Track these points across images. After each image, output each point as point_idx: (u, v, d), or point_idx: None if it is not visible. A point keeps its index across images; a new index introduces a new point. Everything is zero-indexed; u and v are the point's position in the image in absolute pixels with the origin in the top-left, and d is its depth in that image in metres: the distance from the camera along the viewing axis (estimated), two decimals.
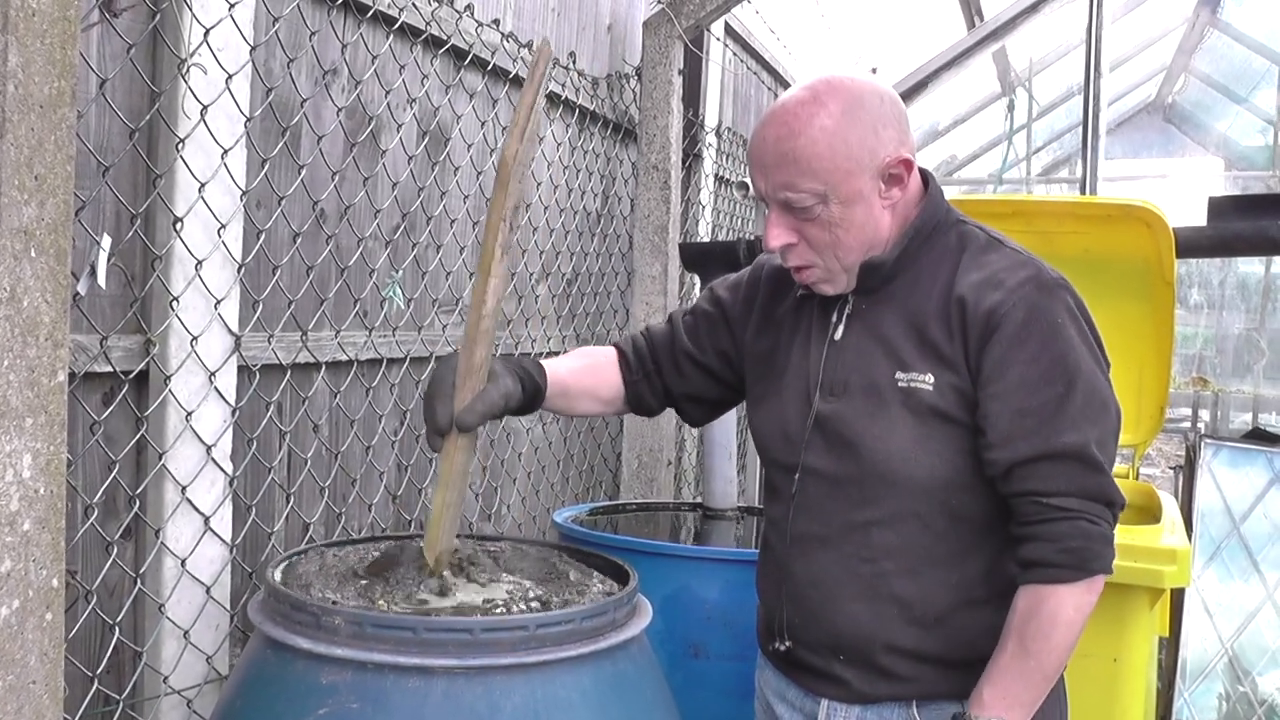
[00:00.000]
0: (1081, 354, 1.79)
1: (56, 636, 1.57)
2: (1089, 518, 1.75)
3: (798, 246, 1.87)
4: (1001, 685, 1.77)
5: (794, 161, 1.80)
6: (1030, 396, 1.77)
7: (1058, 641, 1.76)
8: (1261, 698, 3.52)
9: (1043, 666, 1.77)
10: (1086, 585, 1.76)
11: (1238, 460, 3.90)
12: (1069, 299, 1.82)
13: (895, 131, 1.84)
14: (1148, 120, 15.25)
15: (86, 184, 2.09)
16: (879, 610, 1.86)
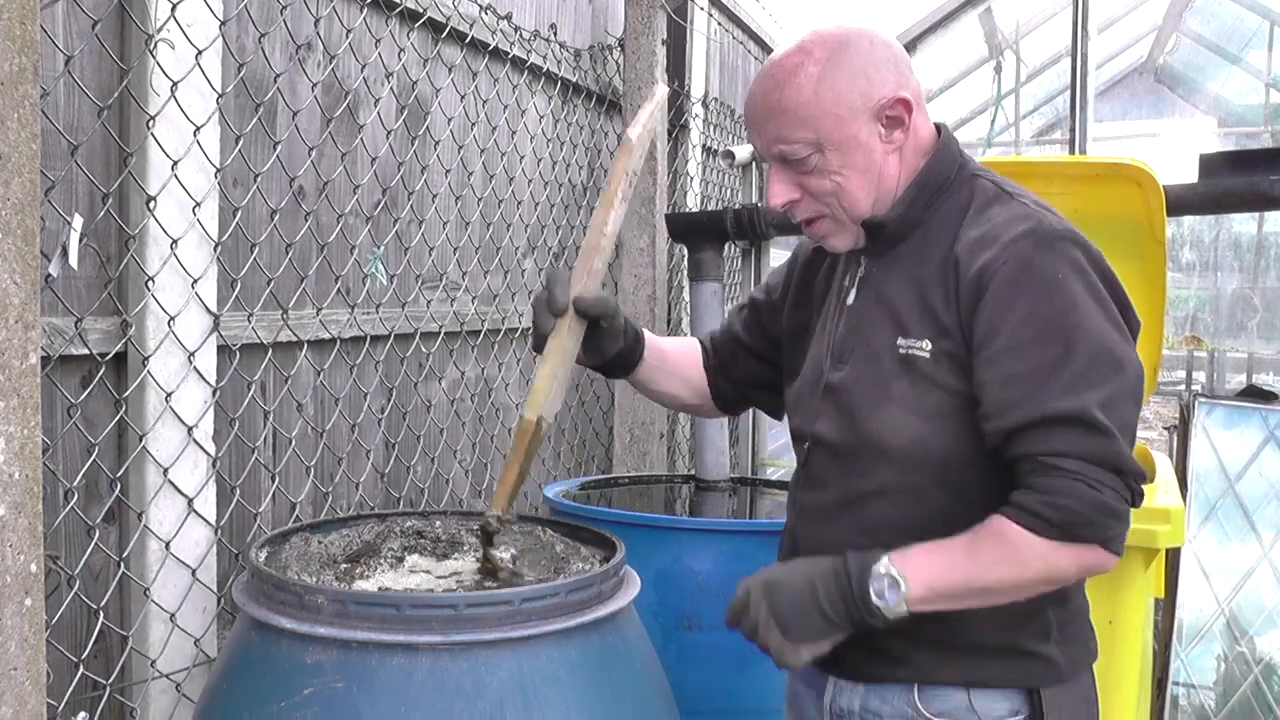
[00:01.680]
0: (1086, 311, 1.67)
1: (37, 622, 1.55)
2: (1088, 481, 1.62)
3: (801, 201, 1.83)
4: (931, 559, 1.69)
5: (783, 113, 1.77)
6: (1023, 360, 1.67)
7: (1005, 575, 1.66)
8: (1259, 657, 3.51)
9: (977, 579, 1.67)
10: (1072, 552, 1.64)
11: (1232, 419, 3.88)
12: (1075, 252, 1.71)
13: (890, 73, 1.78)
14: (1139, 82, 15.21)
15: (56, 164, 2.07)
16: None
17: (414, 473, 3.27)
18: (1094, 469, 1.62)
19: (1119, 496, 1.63)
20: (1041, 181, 3.57)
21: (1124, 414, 1.66)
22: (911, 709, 1.80)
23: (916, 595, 1.67)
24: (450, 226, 3.41)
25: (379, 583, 1.98)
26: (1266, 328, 9.03)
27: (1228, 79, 13.48)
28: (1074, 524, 1.62)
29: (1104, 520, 1.63)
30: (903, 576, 1.66)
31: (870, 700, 1.85)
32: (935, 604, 1.68)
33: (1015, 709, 1.78)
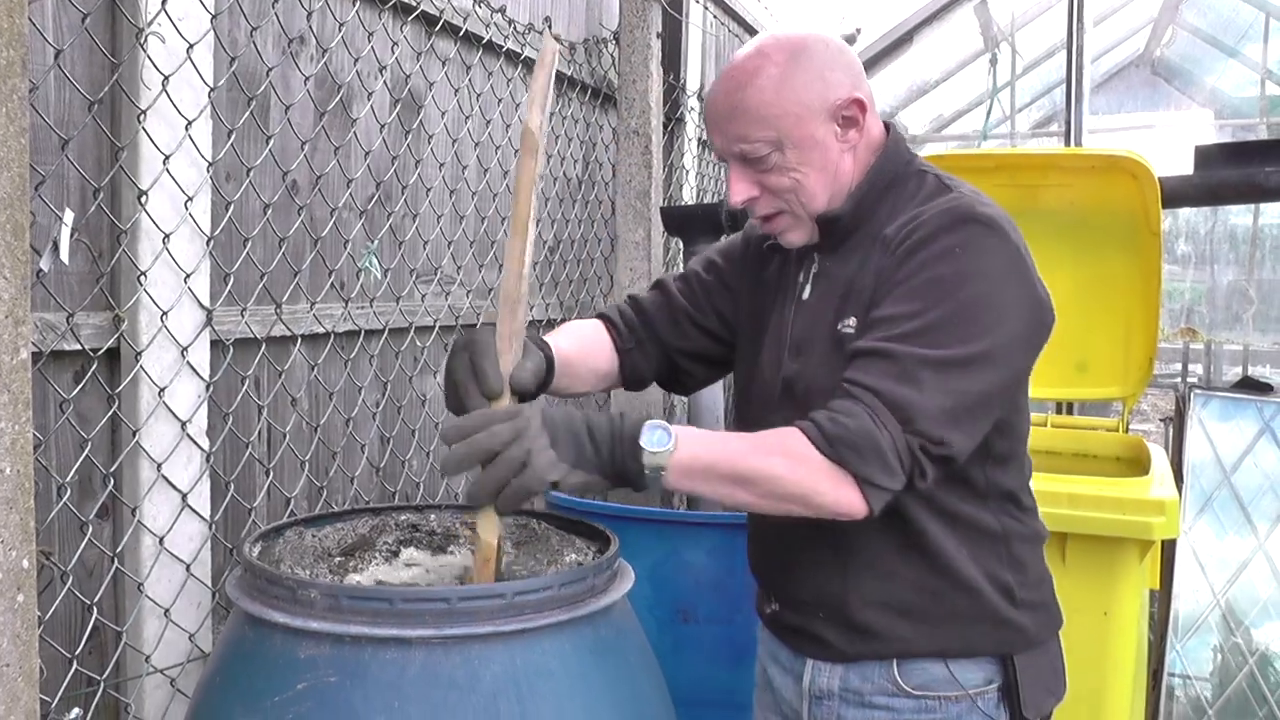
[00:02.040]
0: (971, 287, 1.69)
1: (29, 618, 1.55)
2: (875, 417, 1.63)
3: (761, 198, 1.87)
4: (709, 437, 1.70)
5: (744, 113, 1.81)
6: (891, 307, 1.72)
7: (766, 469, 1.66)
8: (1255, 648, 3.51)
9: (741, 464, 1.67)
10: (833, 476, 1.65)
11: (1228, 411, 3.88)
12: (982, 233, 1.72)
13: (845, 75, 1.84)
14: (1135, 74, 15.19)
15: (47, 158, 2.06)
16: (848, 566, 1.85)
17: (409, 467, 3.26)
18: (886, 412, 1.64)
19: (895, 451, 1.64)
20: (1037, 174, 3.59)
21: (955, 386, 1.67)
22: (892, 684, 1.85)
23: (681, 457, 1.65)
24: (444, 220, 3.41)
25: (374, 576, 1.98)
26: (1262, 319, 9.03)
27: (1224, 71, 13.47)
28: (841, 443, 1.63)
29: (869, 457, 1.63)
30: (674, 436, 1.65)
31: (850, 679, 1.88)
32: (696, 478, 1.67)
33: (990, 678, 1.85)
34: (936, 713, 1.84)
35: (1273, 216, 9.96)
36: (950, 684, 1.84)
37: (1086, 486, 2.80)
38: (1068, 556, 2.73)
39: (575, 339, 2.09)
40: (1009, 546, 1.85)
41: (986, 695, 1.85)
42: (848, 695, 1.89)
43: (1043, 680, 1.88)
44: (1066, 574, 2.69)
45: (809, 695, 1.93)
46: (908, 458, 1.65)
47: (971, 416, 1.69)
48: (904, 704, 1.85)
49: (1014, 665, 1.84)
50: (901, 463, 1.65)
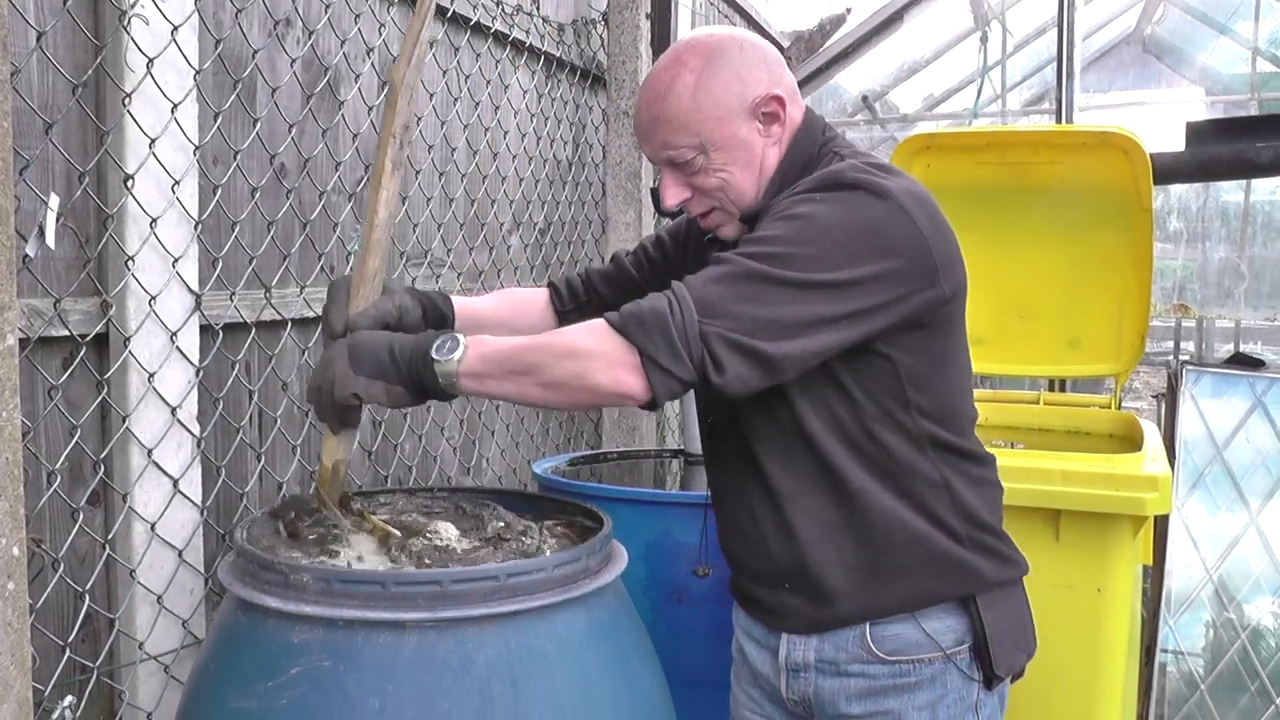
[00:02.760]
0: (820, 226, 1.72)
1: (20, 606, 1.54)
2: (674, 302, 1.69)
3: (693, 199, 1.94)
4: (499, 340, 1.79)
5: (666, 121, 1.88)
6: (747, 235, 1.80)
7: (548, 349, 1.74)
8: (1246, 623, 3.51)
9: (524, 353, 1.75)
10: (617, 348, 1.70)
11: (1220, 387, 3.88)
12: (853, 193, 1.75)
13: (762, 72, 1.89)
14: (1126, 52, 15.16)
15: (31, 142, 2.05)
16: (798, 533, 1.88)
17: (401, 451, 3.26)
18: (689, 301, 1.69)
19: (683, 336, 1.67)
20: (1028, 151, 3.59)
21: (775, 303, 1.69)
22: (866, 651, 1.88)
23: (469, 360, 1.76)
24: (434, 203, 3.39)
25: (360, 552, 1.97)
26: (1254, 296, 9.03)
27: (1215, 48, 13.45)
28: (630, 318, 1.70)
29: (653, 332, 1.68)
30: (463, 344, 1.77)
31: (825, 650, 1.92)
32: (485, 379, 1.77)
33: (960, 638, 1.88)
34: (911, 676, 1.87)
35: (1264, 193, 9.95)
36: (922, 646, 1.87)
37: (1079, 463, 2.80)
38: (1061, 533, 2.73)
39: (504, 299, 2.29)
40: (951, 494, 1.87)
41: (959, 656, 1.88)
42: (823, 666, 1.92)
43: (1010, 636, 1.90)
44: (1059, 550, 2.69)
45: (785, 669, 1.96)
46: (698, 345, 1.68)
47: (784, 332, 1.69)
48: (879, 670, 1.88)
49: (980, 617, 1.86)
50: (690, 349, 1.68)
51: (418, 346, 1.81)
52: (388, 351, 1.83)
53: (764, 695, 2.03)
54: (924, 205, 1.79)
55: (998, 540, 1.93)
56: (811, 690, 1.93)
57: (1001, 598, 1.91)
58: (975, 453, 1.93)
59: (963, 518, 1.88)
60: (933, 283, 1.77)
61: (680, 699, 2.12)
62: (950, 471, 1.88)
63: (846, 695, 1.90)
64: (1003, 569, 1.92)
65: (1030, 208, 3.63)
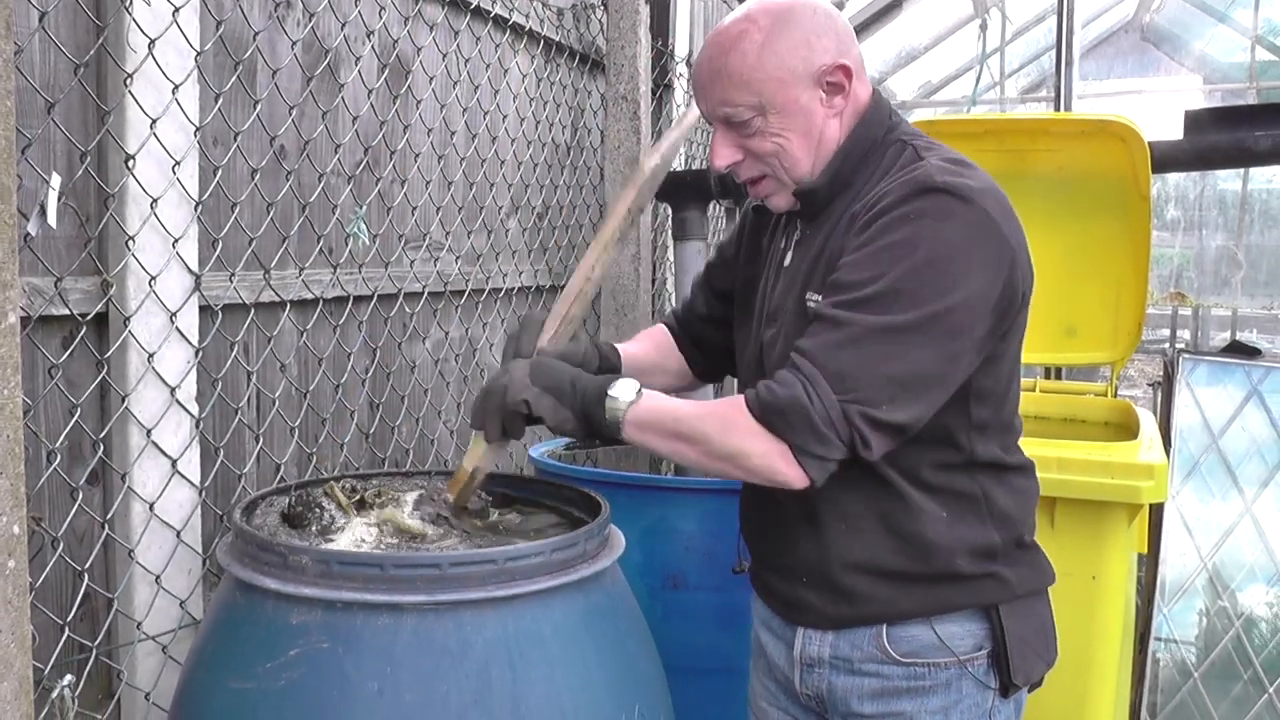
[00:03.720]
0: (924, 251, 1.68)
1: (20, 584, 1.55)
2: (808, 386, 1.66)
3: (745, 161, 1.89)
4: (666, 398, 1.82)
5: (727, 77, 1.82)
6: (845, 273, 1.73)
7: (706, 430, 1.74)
8: (1240, 611, 3.53)
9: (684, 424, 1.76)
10: (765, 441, 1.69)
11: (1216, 375, 3.89)
12: (944, 202, 1.70)
13: (831, 41, 1.83)
14: (1125, 40, 15.17)
15: (33, 121, 2.05)
16: (826, 530, 1.85)
17: (399, 433, 3.26)
18: (822, 380, 1.66)
19: (827, 420, 1.66)
20: (1026, 138, 3.59)
21: (903, 353, 1.66)
22: (881, 651, 1.85)
23: (637, 411, 1.78)
24: (433, 186, 3.39)
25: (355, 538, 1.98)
26: (1250, 284, 9.05)
27: (1213, 36, 13.45)
28: (771, 410, 1.68)
29: (798, 425, 1.66)
30: (638, 391, 1.79)
31: (840, 646, 1.89)
32: (647, 431, 1.78)
33: (979, 643, 1.85)
34: (925, 679, 1.84)
35: (1262, 182, 9.97)
36: (938, 650, 1.84)
37: (1075, 451, 2.80)
38: (1056, 520, 2.74)
39: (649, 343, 2.27)
40: (989, 505, 1.84)
41: (976, 662, 1.84)
42: (838, 663, 1.89)
43: (1031, 644, 1.87)
44: (1055, 538, 2.70)
45: (800, 663, 1.94)
46: (844, 426, 1.66)
47: (922, 384, 1.68)
48: (893, 671, 1.85)
49: (1000, 624, 1.83)
50: (837, 432, 1.66)
51: (596, 382, 1.82)
52: (569, 378, 1.84)
53: (779, 687, 2.01)
54: (1003, 204, 1.75)
55: (1030, 551, 1.90)
56: (825, 686, 1.90)
57: (1026, 607, 1.87)
58: (1018, 464, 1.90)
59: (999, 528, 1.84)
60: (1016, 288, 1.74)
61: (675, 684, 2.13)
62: (990, 482, 1.84)
63: (859, 694, 1.87)
64: (1030, 579, 1.88)
65: (1028, 195, 3.62)
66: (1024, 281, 1.76)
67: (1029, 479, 1.93)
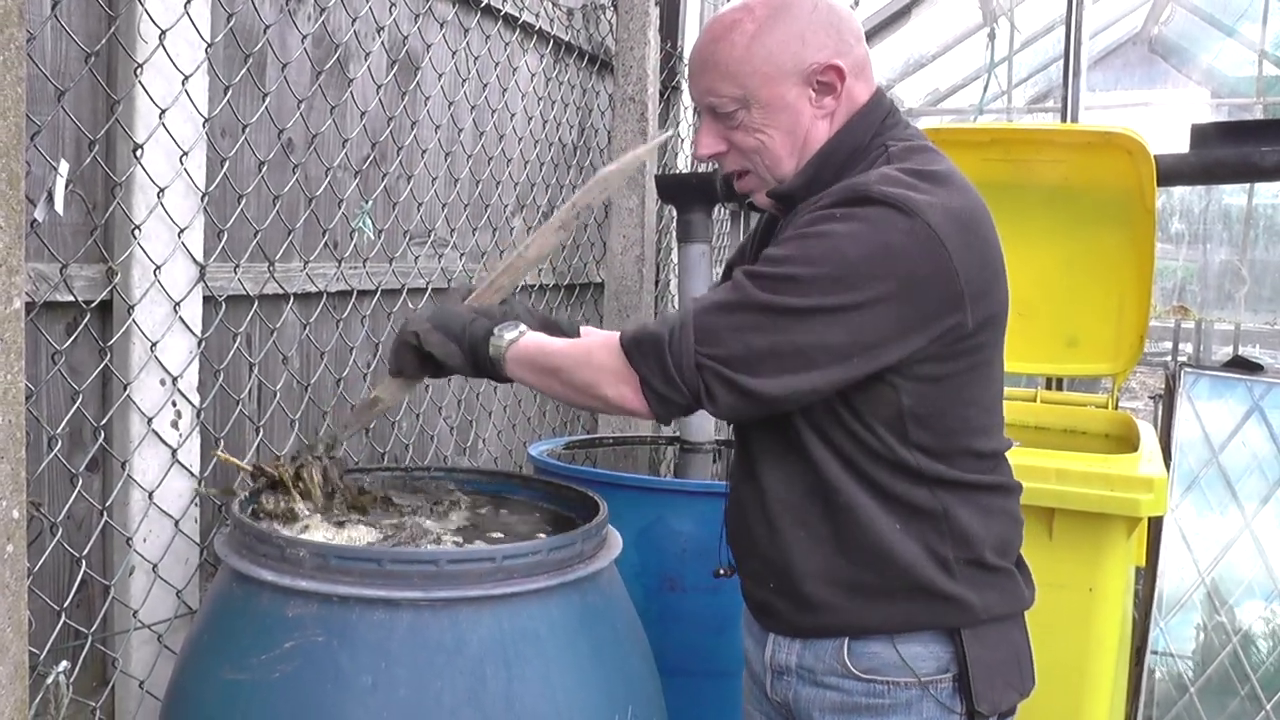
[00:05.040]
0: (833, 248, 1.65)
1: (19, 569, 1.55)
2: (676, 329, 1.68)
3: (728, 154, 1.87)
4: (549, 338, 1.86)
5: (714, 66, 1.80)
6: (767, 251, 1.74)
7: (571, 357, 1.80)
8: (1238, 627, 3.53)
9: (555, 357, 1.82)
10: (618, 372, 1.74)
11: (1218, 389, 3.88)
12: (876, 211, 1.66)
13: (829, 38, 1.79)
14: (1133, 52, 15.16)
15: (43, 109, 2.05)
16: (786, 539, 1.82)
17: (399, 429, 3.26)
18: (690, 329, 1.68)
19: (678, 365, 1.68)
20: (1032, 149, 3.58)
21: (775, 333, 1.66)
22: (841, 666, 1.82)
23: (517, 348, 1.85)
24: (439, 183, 3.40)
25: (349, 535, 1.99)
26: (1254, 299, 9.04)
27: (1221, 50, 13.45)
28: (632, 341, 1.73)
29: (650, 358, 1.70)
30: (521, 332, 1.86)
31: (806, 657, 1.86)
32: (524, 368, 1.85)
33: (944, 666, 1.80)
34: (885, 698, 1.80)
35: (1267, 197, 9.98)
36: (899, 669, 1.79)
37: (1075, 462, 2.80)
38: (1055, 532, 2.73)
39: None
40: (949, 522, 1.78)
41: (940, 685, 1.79)
42: (803, 673, 1.87)
43: (1000, 671, 1.81)
44: (1053, 549, 2.70)
45: (770, 669, 1.92)
46: (692, 375, 1.67)
47: (781, 366, 1.66)
48: (853, 686, 1.81)
49: (963, 648, 1.78)
50: (684, 378, 1.68)
51: (488, 322, 1.89)
52: (465, 319, 1.91)
53: (760, 692, 1.99)
54: (959, 224, 1.68)
55: (995, 574, 1.82)
56: (791, 695, 1.88)
57: (994, 633, 1.81)
58: (993, 484, 1.84)
59: (958, 548, 1.78)
60: (955, 311, 1.68)
61: (670, 686, 2.13)
62: (953, 500, 1.78)
63: (821, 707, 1.84)
64: (998, 603, 1.82)
65: (1033, 205, 3.63)
66: (974, 305, 1.70)
67: (1007, 500, 1.87)
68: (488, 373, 1.89)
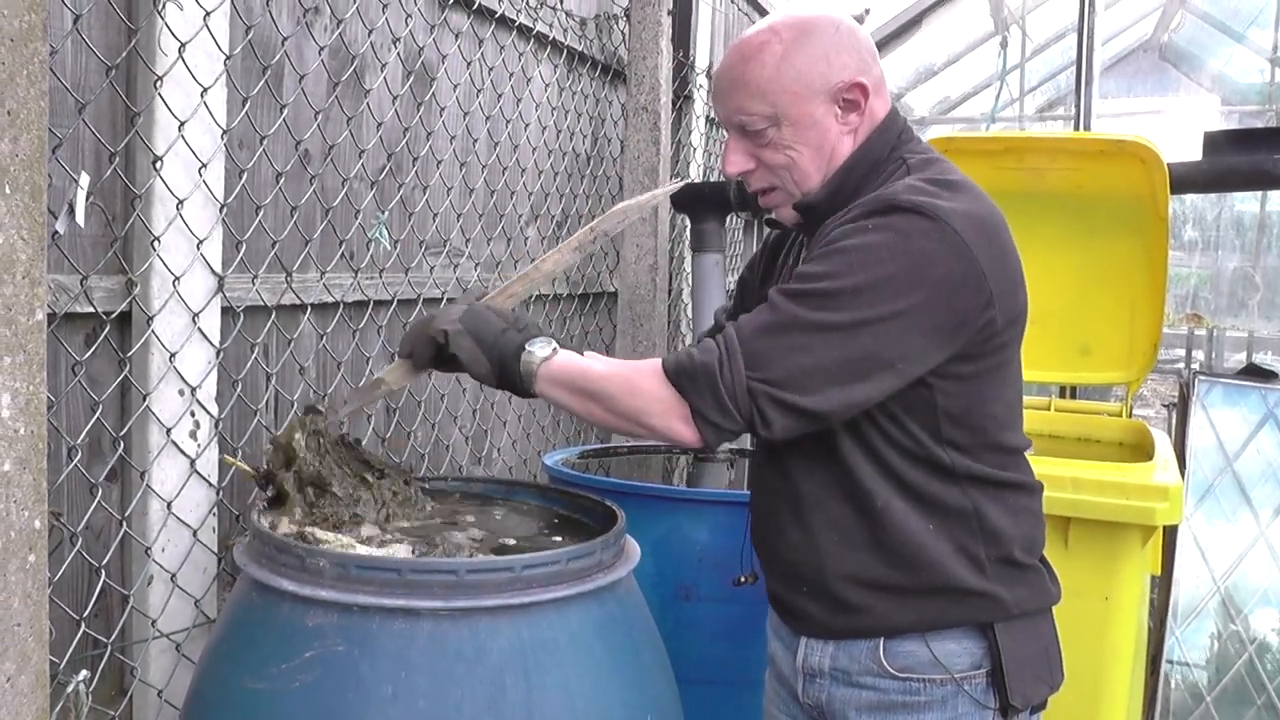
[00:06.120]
0: (869, 258, 1.70)
1: (40, 579, 1.56)
2: (724, 356, 1.71)
3: (756, 171, 1.91)
4: (583, 357, 1.86)
5: (744, 85, 1.85)
6: (801, 268, 1.77)
7: (613, 388, 1.80)
8: (1253, 636, 3.52)
9: (594, 380, 1.81)
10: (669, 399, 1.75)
11: (1232, 397, 3.88)
12: (906, 219, 1.71)
13: (851, 58, 1.85)
14: (1143, 59, 15.16)
15: (64, 121, 2.07)
16: (819, 541, 1.86)
17: (414, 438, 3.27)
18: (739, 355, 1.70)
19: (730, 393, 1.70)
20: (1045, 157, 3.59)
21: (820, 349, 1.69)
22: (877, 665, 1.85)
23: (550, 367, 1.84)
24: (454, 193, 3.41)
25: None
26: (1267, 306, 9.03)
27: (1231, 57, 13.44)
28: (681, 372, 1.74)
29: (703, 390, 1.72)
30: (554, 350, 1.85)
31: (839, 658, 1.89)
32: (557, 387, 1.84)
33: (977, 662, 1.84)
34: (921, 695, 1.84)
35: (1279, 203, 9.95)
36: (934, 666, 1.83)
37: (1090, 471, 2.80)
38: (1070, 541, 2.73)
39: None
40: (980, 520, 1.83)
41: (974, 680, 1.83)
42: (837, 674, 1.89)
43: (1031, 665, 1.85)
44: (1069, 558, 2.70)
45: (802, 672, 1.94)
46: (745, 402, 1.70)
47: (832, 380, 1.70)
48: (889, 685, 1.85)
49: (997, 644, 1.82)
50: (738, 406, 1.70)
51: (518, 337, 1.87)
52: (498, 329, 1.89)
53: (788, 694, 2.01)
54: (982, 228, 1.74)
55: (1026, 571, 1.87)
56: (825, 697, 1.91)
57: (1025, 627, 1.85)
58: (1018, 483, 1.89)
59: (989, 545, 1.83)
60: (986, 309, 1.74)
61: (685, 696, 2.13)
62: (983, 499, 1.83)
63: (857, 706, 1.87)
64: (1028, 599, 1.86)
65: (1046, 213, 3.63)
66: (1001, 304, 1.76)
67: (1031, 499, 1.92)
68: (512, 387, 1.88)
